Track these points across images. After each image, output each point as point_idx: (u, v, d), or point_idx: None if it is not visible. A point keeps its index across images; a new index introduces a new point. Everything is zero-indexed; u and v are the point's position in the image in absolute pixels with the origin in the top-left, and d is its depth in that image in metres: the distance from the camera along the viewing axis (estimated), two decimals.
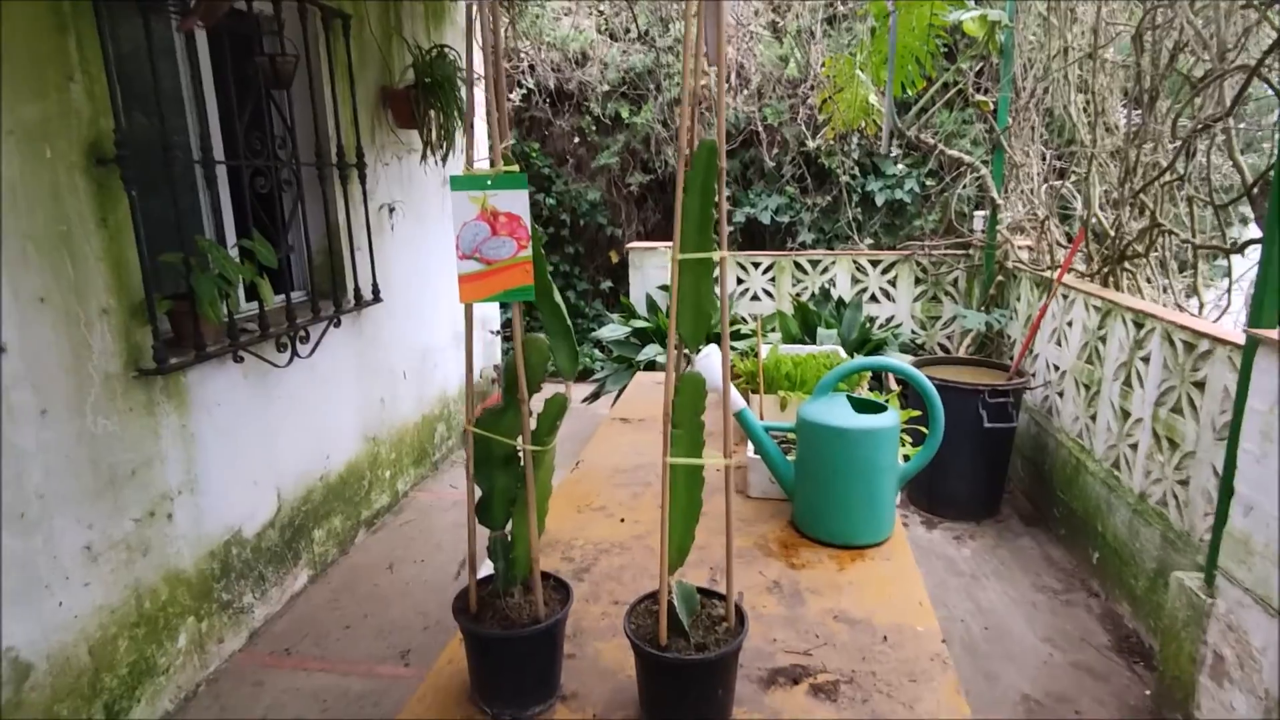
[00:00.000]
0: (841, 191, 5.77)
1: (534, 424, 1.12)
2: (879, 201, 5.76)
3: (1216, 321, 3.41)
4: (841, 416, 1.66)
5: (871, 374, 3.34)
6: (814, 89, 5.58)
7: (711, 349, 1.85)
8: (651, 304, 5.13)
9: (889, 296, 5.19)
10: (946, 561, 3.36)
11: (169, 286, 2.44)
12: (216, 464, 2.63)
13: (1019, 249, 4.49)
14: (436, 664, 1.33)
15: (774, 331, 4.80)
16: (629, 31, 6.13)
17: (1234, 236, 3.48)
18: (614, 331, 4.66)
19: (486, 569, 1.22)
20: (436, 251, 4.38)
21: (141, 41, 2.23)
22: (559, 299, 1.07)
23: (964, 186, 5.02)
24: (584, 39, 6.10)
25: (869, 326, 4.75)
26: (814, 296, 5.17)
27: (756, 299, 5.36)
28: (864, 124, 4.77)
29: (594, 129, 6.26)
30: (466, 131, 1.06)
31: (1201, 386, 2.55)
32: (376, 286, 3.55)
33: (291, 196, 2.96)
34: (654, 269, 5.22)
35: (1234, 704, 2.07)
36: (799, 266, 5.27)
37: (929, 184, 5.65)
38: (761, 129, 5.86)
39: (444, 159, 3.85)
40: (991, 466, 3.71)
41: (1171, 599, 2.35)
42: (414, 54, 3.65)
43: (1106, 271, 3.64)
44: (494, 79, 0.99)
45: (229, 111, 2.64)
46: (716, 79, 1.01)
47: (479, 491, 1.16)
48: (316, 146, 3.06)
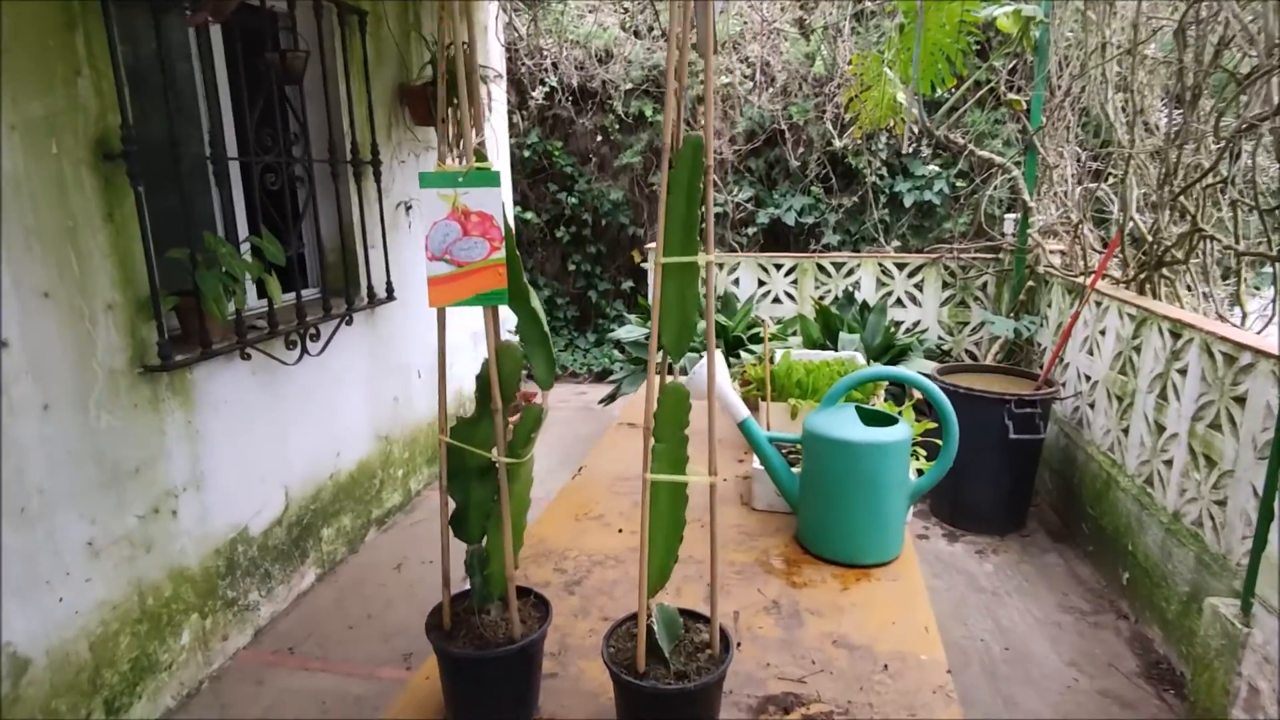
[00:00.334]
0: (868, 192, 5.64)
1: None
2: (907, 203, 5.62)
3: (1260, 333, 3.24)
4: (848, 428, 1.58)
5: (890, 382, 3.24)
6: (841, 87, 5.46)
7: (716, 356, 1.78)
8: None
9: (915, 301, 5.06)
10: (967, 577, 3.24)
11: (176, 283, 2.43)
12: (223, 461, 2.63)
13: (1051, 253, 4.34)
14: (413, 680, 1.28)
15: (795, 335, 4.70)
16: (653, 29, 6.07)
17: None
18: (631, 332, 4.60)
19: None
20: None
21: (154, 37, 2.22)
22: (537, 304, 1.02)
23: (995, 188, 4.87)
24: (608, 36, 6.05)
25: (893, 331, 4.63)
26: (837, 300, 5.05)
27: (778, 301, 5.26)
28: (892, 123, 4.65)
29: (617, 127, 6.20)
30: (463, 125, 1.00)
31: (1242, 402, 2.41)
32: (390, 284, 3.53)
33: (304, 194, 2.95)
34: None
35: None
36: (822, 269, 5.16)
37: (959, 185, 5.49)
38: (786, 128, 5.75)
39: (461, 157, 3.82)
40: (1017, 479, 3.58)
41: (1205, 626, 2.22)
42: (432, 50, 3.63)
43: (1143, 278, 3.49)
44: (468, 69, 0.93)
45: (244, 108, 2.64)
46: (705, 73, 0.94)
47: (454, 504, 1.11)
48: (330, 143, 3.05)
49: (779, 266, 5.22)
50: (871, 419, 1.66)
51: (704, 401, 1.81)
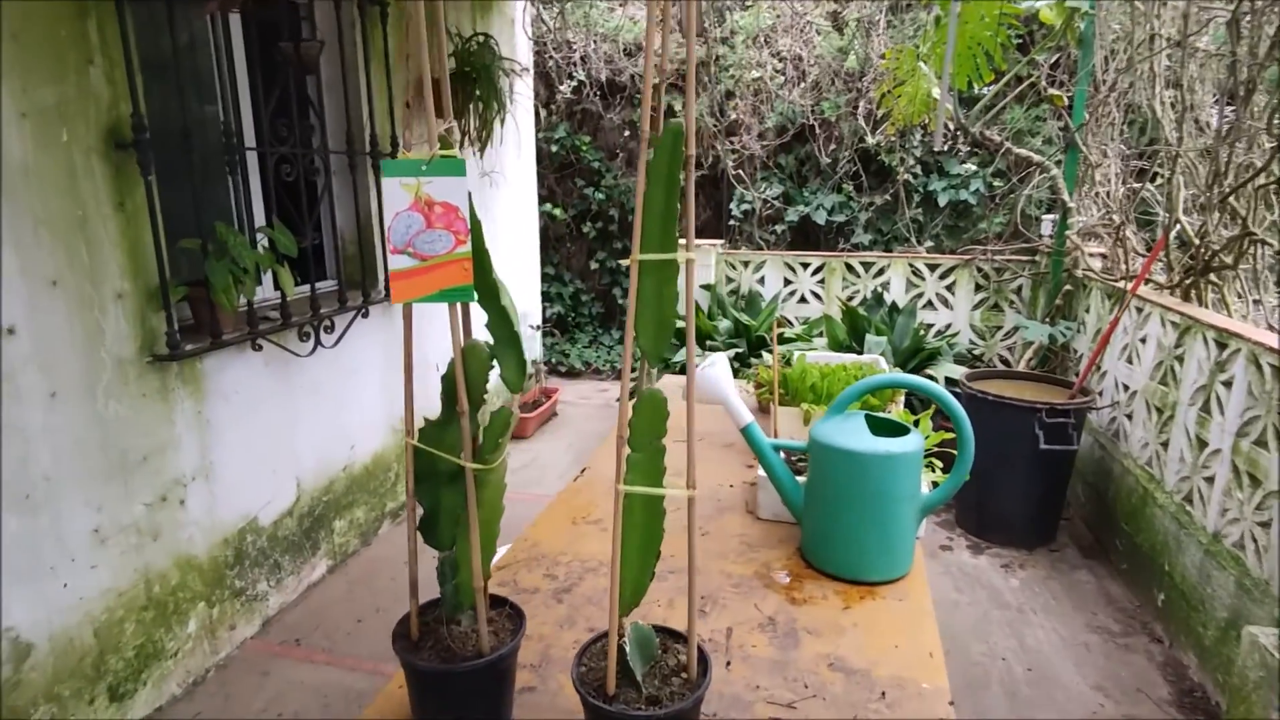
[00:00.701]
0: (900, 190, 5.48)
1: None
2: (942, 202, 5.45)
3: None
4: (856, 438, 1.50)
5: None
6: (874, 82, 5.31)
7: (718, 358, 1.71)
8: None
9: (946, 303, 4.90)
10: (991, 591, 3.12)
11: (190, 273, 2.44)
12: (233, 451, 2.63)
13: (1090, 256, 4.16)
14: (388, 687, 1.24)
15: (820, 336, 4.59)
16: (682, 22, 5.97)
17: None
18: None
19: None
20: None
21: (169, 26, 2.22)
22: (507, 301, 0.96)
23: (1033, 188, 4.69)
24: (637, 29, 5.97)
25: (923, 334, 4.49)
26: (865, 301, 4.92)
27: (804, 301, 5.15)
28: (926, 120, 4.50)
29: None
30: (425, 105, 0.94)
31: None
32: None
33: (320, 185, 2.94)
34: (697, 267, 5.06)
35: None
36: (850, 268, 5.03)
37: (996, 185, 5.31)
38: (817, 123, 5.62)
39: (482, 150, 3.79)
40: (1048, 490, 3.43)
41: (1243, 655, 2.08)
42: (455, 43, 3.60)
43: (1188, 283, 3.31)
44: (437, 47, 0.88)
45: (267, 98, 2.63)
46: (686, 54, 0.87)
47: (423, 509, 1.06)
48: (348, 135, 3.03)
49: (806, 265, 5.11)
50: (882, 428, 1.57)
51: (706, 405, 1.75)
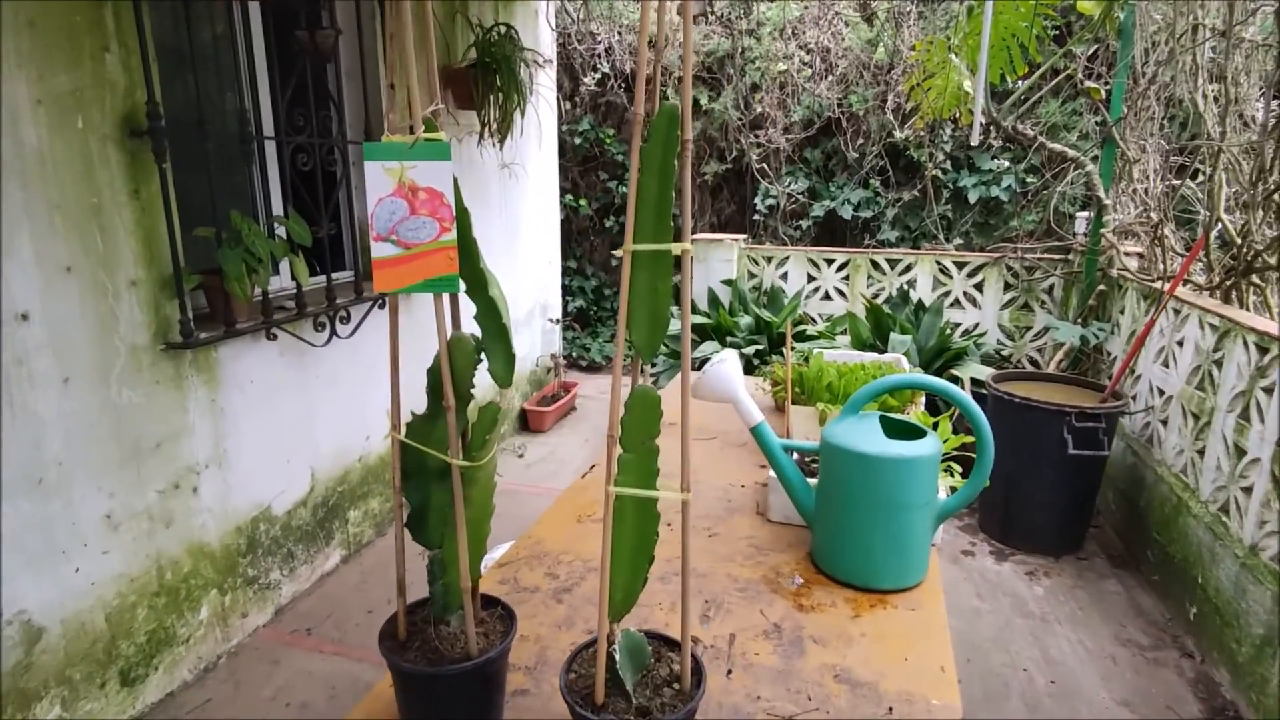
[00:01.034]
0: (928, 186, 5.36)
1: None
2: (972, 199, 5.32)
3: None
4: (869, 441, 1.44)
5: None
6: (904, 75, 5.19)
7: (728, 354, 1.65)
8: (713, 298, 4.91)
9: (974, 302, 4.78)
10: (1014, 600, 3.02)
11: (204, 261, 2.44)
12: (247, 440, 2.64)
13: (1126, 255, 4.02)
14: (377, 686, 1.21)
15: (843, 334, 4.51)
16: (708, 14, 5.90)
17: None
18: (672, 325, 4.48)
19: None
20: (496, 235, 4.33)
21: (187, 12, 2.22)
22: (496, 293, 0.92)
23: (1068, 184, 4.55)
24: (668, 21, 5.90)
25: (949, 334, 4.38)
26: (890, 299, 4.82)
27: (828, 298, 5.06)
28: (957, 113, 4.38)
29: None
30: (408, 80, 0.90)
31: None
32: None
33: (338, 175, 2.94)
34: (718, 262, 5.00)
35: None
36: (876, 265, 4.92)
37: (1029, 181, 5.16)
38: (844, 117, 5.51)
39: (502, 141, 3.77)
40: (1076, 497, 3.32)
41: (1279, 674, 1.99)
42: (475, 33, 3.57)
43: (1229, 285, 3.18)
44: (424, 21, 0.84)
45: (284, 87, 2.63)
46: (684, 33, 0.82)
47: (411, 506, 1.03)
48: (366, 125, 3.02)
49: (830, 261, 5.01)
50: (898, 430, 1.51)
51: (718, 403, 1.70)
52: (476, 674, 1.01)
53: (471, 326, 0.99)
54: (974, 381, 3.87)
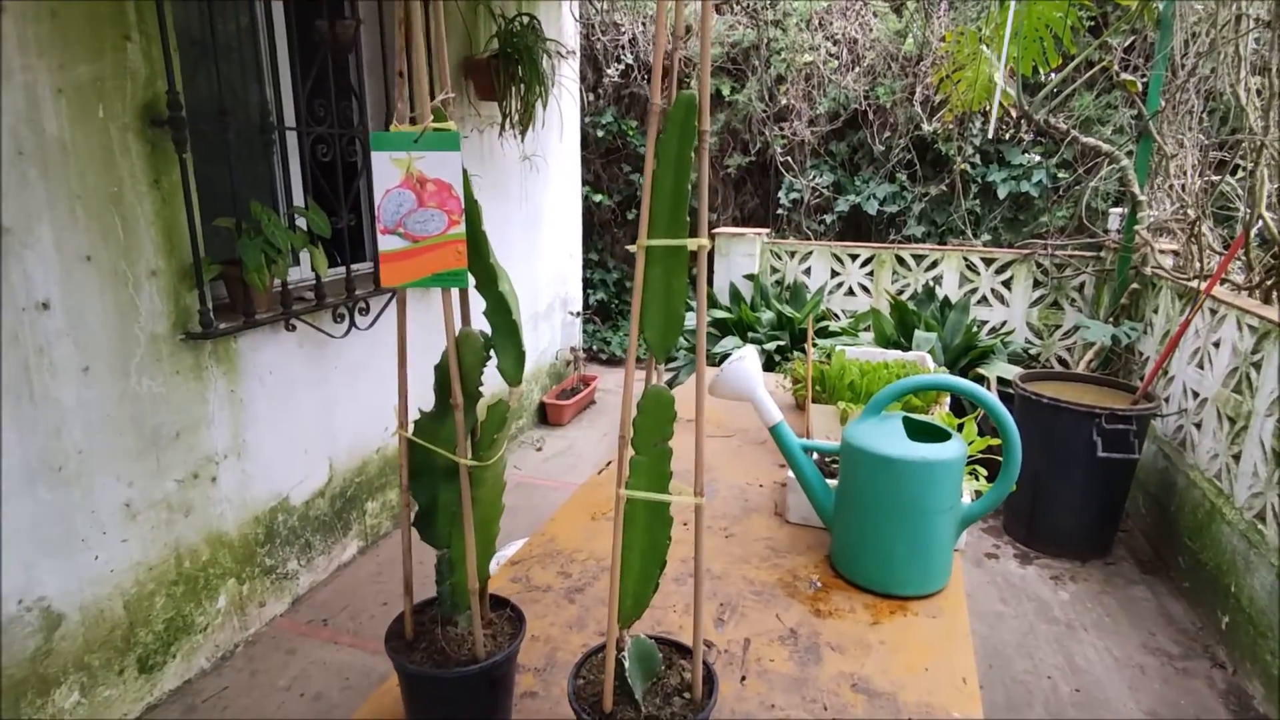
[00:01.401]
0: (956, 180, 5.25)
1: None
2: (1001, 194, 5.21)
3: None
4: (891, 443, 1.39)
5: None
6: (933, 67, 5.08)
7: (748, 351, 1.61)
8: (735, 293, 4.86)
9: (1002, 300, 4.68)
10: (1039, 605, 2.96)
11: (225, 252, 2.45)
12: (266, 430, 2.64)
13: (1161, 253, 3.90)
14: (385, 684, 1.20)
15: (867, 331, 4.44)
16: (733, 4, 5.82)
17: None
18: (693, 320, 4.45)
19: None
20: (516, 227, 4.31)
21: (209, 3, 2.21)
22: (506, 288, 0.89)
23: (1100, 180, 4.43)
24: (687, 11, 5.84)
25: (976, 331, 4.29)
26: (916, 295, 4.73)
27: (852, 294, 4.98)
28: (987, 106, 4.28)
29: None
30: (412, 68, 0.87)
31: None
32: None
33: (358, 165, 2.93)
34: (740, 256, 4.94)
35: None
36: (901, 261, 4.84)
37: (1060, 176, 5.04)
38: (871, 109, 5.41)
39: (523, 133, 3.74)
40: (1105, 500, 3.24)
41: None
42: (498, 23, 3.54)
43: (1269, 285, 3.07)
44: (435, 7, 0.81)
45: (304, 78, 2.62)
46: (703, 21, 0.78)
47: (419, 505, 1.01)
48: (387, 116, 3.01)
49: (855, 257, 4.94)
50: (921, 432, 1.46)
51: (738, 401, 1.67)
52: (482, 677, 0.99)
53: (483, 322, 0.97)
54: (1001, 381, 3.78)
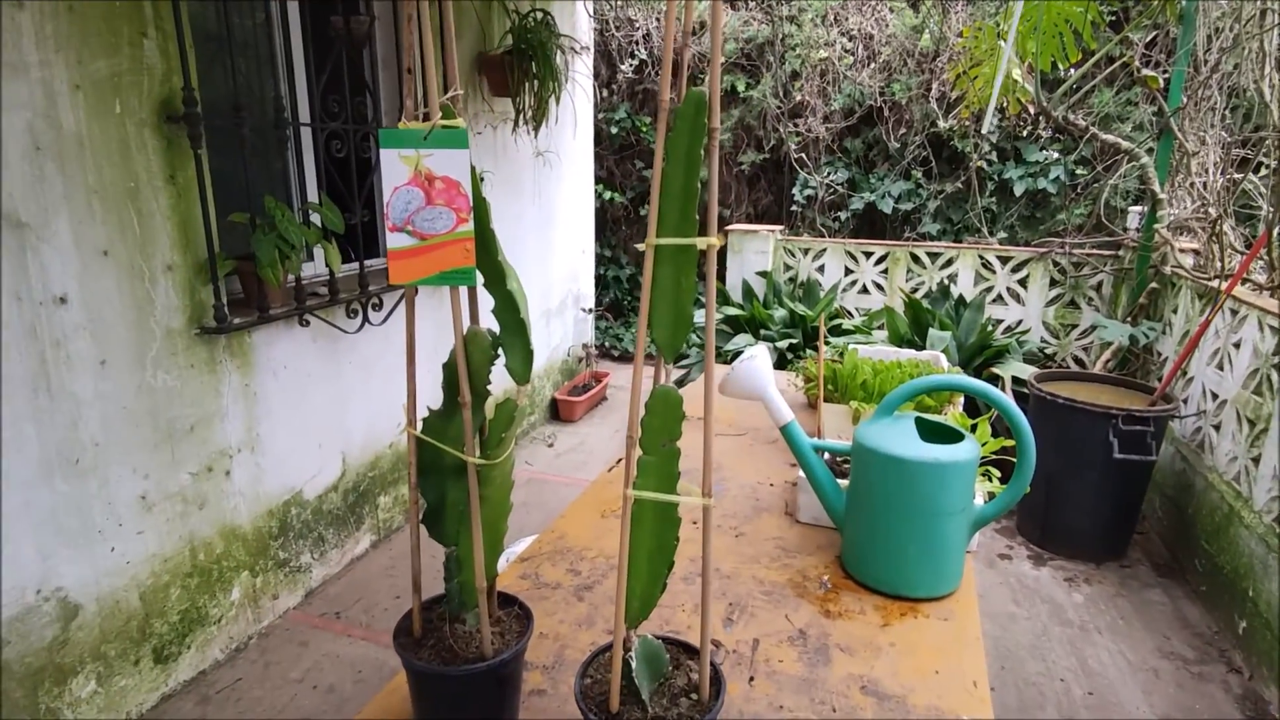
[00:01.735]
0: (973, 178, 5.20)
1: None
2: (1018, 191, 5.15)
3: None
4: (903, 443, 1.38)
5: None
6: (950, 62, 5.03)
7: (759, 349, 1.61)
8: (747, 290, 4.84)
9: (1018, 299, 4.63)
10: (1052, 607, 2.93)
11: (241, 247, 2.46)
12: (279, 424, 2.66)
13: (1181, 252, 3.85)
14: (393, 681, 1.20)
15: (881, 329, 4.41)
16: (746, 0, 5.78)
17: None
18: (703, 318, 4.43)
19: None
20: (529, 223, 4.32)
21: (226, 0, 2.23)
22: (515, 286, 0.89)
23: (1120, 177, 4.37)
24: (701, 7, 5.81)
25: (991, 330, 4.25)
26: (930, 293, 4.69)
27: (866, 292, 4.95)
28: (1005, 103, 4.23)
29: None
30: (426, 67, 0.88)
31: None
32: None
33: (371, 161, 2.94)
34: (753, 253, 4.92)
35: None
36: (916, 259, 4.80)
37: (1079, 173, 4.98)
38: (886, 106, 5.37)
39: (537, 129, 3.74)
40: (1120, 502, 3.20)
41: None
42: (512, 19, 3.54)
43: None
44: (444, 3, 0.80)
45: (318, 74, 2.63)
46: (713, 16, 0.78)
47: (428, 502, 1.01)
48: (400, 112, 3.02)
49: (869, 254, 4.90)
50: (934, 433, 1.45)
51: (748, 400, 1.66)
52: (489, 675, 0.99)
53: (493, 320, 0.97)
54: (1016, 380, 3.75)
